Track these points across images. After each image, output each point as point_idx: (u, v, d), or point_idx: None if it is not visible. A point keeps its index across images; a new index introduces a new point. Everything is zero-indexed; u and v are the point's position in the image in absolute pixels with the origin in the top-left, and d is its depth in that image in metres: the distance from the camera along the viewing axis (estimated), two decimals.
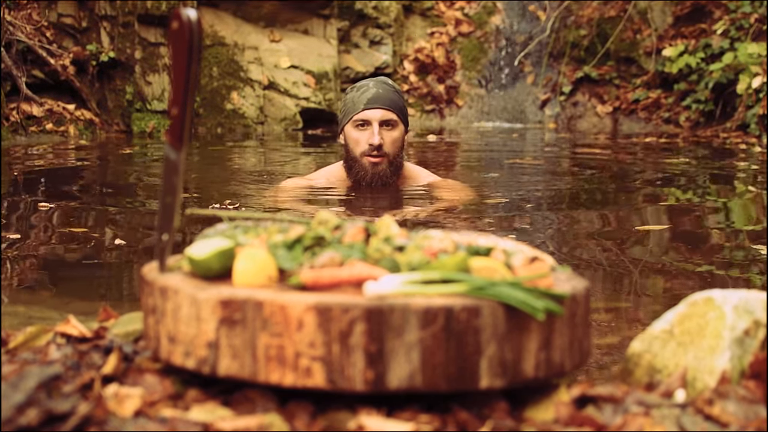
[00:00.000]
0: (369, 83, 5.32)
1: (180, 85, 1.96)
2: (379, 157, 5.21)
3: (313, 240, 2.06)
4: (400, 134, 5.29)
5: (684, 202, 6.42)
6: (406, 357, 1.78)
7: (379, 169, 5.23)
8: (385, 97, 5.22)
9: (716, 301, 2.05)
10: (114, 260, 4.33)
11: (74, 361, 2.07)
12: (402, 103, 5.33)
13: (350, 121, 5.23)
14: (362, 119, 5.19)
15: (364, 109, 5.18)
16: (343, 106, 5.36)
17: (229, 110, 11.98)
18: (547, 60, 13.93)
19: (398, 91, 5.40)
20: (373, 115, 5.18)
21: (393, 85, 5.37)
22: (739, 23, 12.38)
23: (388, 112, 5.19)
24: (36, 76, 11.34)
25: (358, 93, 5.28)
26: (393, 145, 5.26)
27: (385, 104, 5.18)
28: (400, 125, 5.27)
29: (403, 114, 5.32)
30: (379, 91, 5.24)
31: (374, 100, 5.18)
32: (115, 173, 8.49)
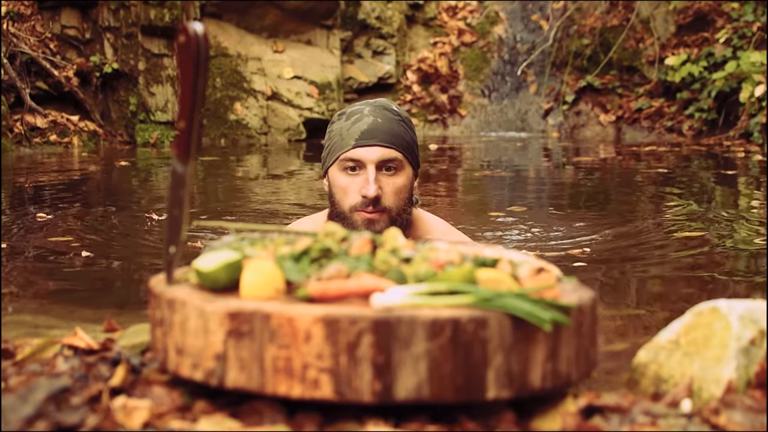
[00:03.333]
0: (364, 109, 3.89)
1: (187, 99, 1.97)
2: (376, 212, 3.77)
3: (320, 252, 2.06)
4: (407, 180, 3.85)
5: (689, 211, 6.41)
6: (414, 368, 1.79)
7: (376, 228, 3.72)
8: (386, 128, 3.82)
9: (722, 311, 2.06)
10: (118, 271, 4.34)
11: (82, 373, 2.07)
12: (410, 137, 3.89)
13: (336, 162, 3.83)
14: (352, 159, 3.78)
15: (355, 146, 3.78)
16: (328, 140, 3.94)
17: (232, 121, 12.00)
18: (549, 69, 13.94)
19: (405, 120, 3.92)
20: (367, 155, 3.76)
21: (397, 111, 3.92)
22: (741, 32, 12.39)
23: (389, 151, 3.79)
24: (40, 87, 11.37)
25: (347, 123, 3.85)
26: (396, 195, 3.81)
27: (384, 139, 3.79)
28: (406, 168, 3.85)
29: (410, 152, 3.88)
30: (377, 120, 3.82)
31: (370, 134, 3.80)
32: (118, 183, 8.50)
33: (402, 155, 3.82)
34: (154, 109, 11.86)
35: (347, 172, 3.80)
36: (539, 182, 8.73)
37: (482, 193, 7.79)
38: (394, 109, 3.91)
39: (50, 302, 3.49)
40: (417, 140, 3.96)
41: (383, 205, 3.76)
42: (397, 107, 3.94)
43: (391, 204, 3.79)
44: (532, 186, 8.40)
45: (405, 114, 3.95)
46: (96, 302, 3.63)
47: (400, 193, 3.82)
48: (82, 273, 4.22)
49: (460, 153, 11.23)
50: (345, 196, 3.81)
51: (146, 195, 7.59)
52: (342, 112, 3.95)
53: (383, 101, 3.96)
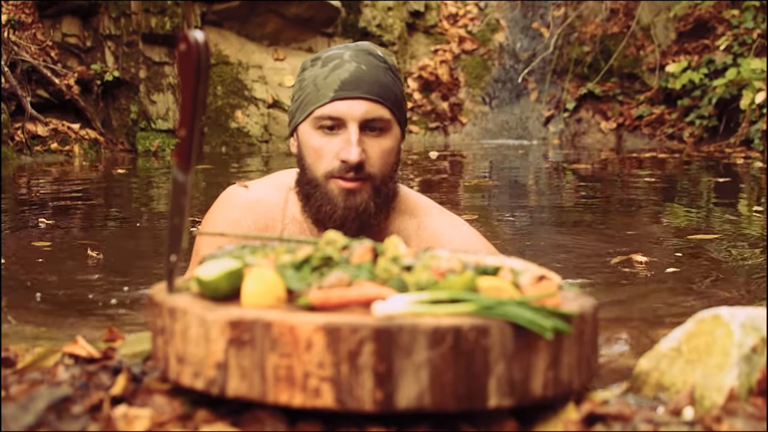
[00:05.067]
0: (344, 53, 3.15)
1: (188, 107, 1.97)
2: (358, 180, 3.08)
3: (321, 260, 2.06)
4: (394, 143, 3.17)
5: (689, 217, 6.42)
6: (415, 377, 1.78)
7: (357, 200, 3.09)
8: (372, 78, 3.10)
9: (723, 318, 2.05)
10: (119, 279, 4.34)
11: (83, 381, 2.07)
12: (398, 90, 3.19)
13: (309, 118, 3.13)
14: (331, 117, 3.07)
15: (334, 98, 3.07)
16: (298, 91, 3.21)
17: (233, 129, 12.02)
18: (550, 77, 13.95)
19: (392, 68, 3.21)
20: (349, 111, 3.06)
21: (383, 57, 3.21)
22: (741, 39, 12.41)
23: (376, 106, 3.08)
24: (41, 95, 11.39)
25: (324, 70, 3.13)
26: (382, 161, 3.12)
27: (371, 91, 3.08)
28: (394, 128, 3.15)
29: (399, 109, 3.17)
30: (361, 66, 3.10)
31: (353, 84, 3.08)
32: (119, 191, 8.50)
33: (390, 112, 3.12)
34: (155, 117, 11.87)
35: (323, 131, 3.09)
36: (539, 191, 8.74)
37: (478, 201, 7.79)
38: (379, 54, 3.19)
39: (51, 310, 3.48)
40: (404, 93, 3.29)
41: (367, 172, 3.07)
42: (382, 52, 3.23)
43: (375, 171, 3.10)
44: (530, 194, 8.40)
45: (392, 61, 3.25)
46: (97, 310, 3.63)
47: (386, 158, 3.13)
48: (83, 280, 4.22)
49: (460, 161, 11.24)
50: (319, 160, 3.10)
51: (144, 203, 7.59)
52: (316, 57, 3.20)
53: (366, 44, 3.24)
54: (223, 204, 3.36)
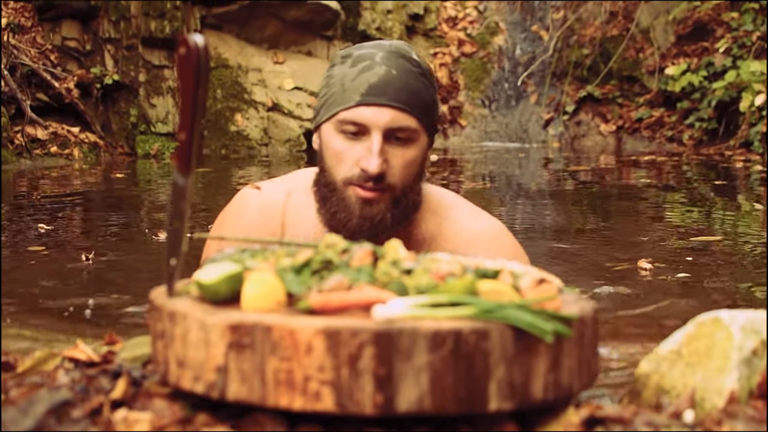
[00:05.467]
0: (376, 54, 2.99)
1: (187, 111, 1.97)
2: (377, 191, 2.95)
3: (321, 264, 2.06)
4: (420, 153, 3.02)
5: (689, 220, 6.42)
6: (415, 380, 1.78)
7: (373, 211, 2.96)
8: (402, 84, 2.94)
9: (724, 321, 2.05)
10: (119, 282, 4.33)
11: (83, 385, 2.07)
12: (429, 96, 3.01)
13: (333, 119, 3.00)
14: (354, 122, 2.93)
15: (360, 103, 2.93)
16: (325, 88, 3.07)
17: (233, 132, 12.02)
18: (550, 80, 13.96)
19: (425, 73, 3.04)
20: (374, 118, 2.92)
21: (417, 61, 3.03)
22: (741, 41, 12.42)
23: (403, 116, 2.93)
24: (40, 99, 11.40)
25: (353, 70, 2.99)
26: (404, 171, 2.97)
27: (398, 99, 2.92)
28: (420, 138, 3.00)
29: (428, 117, 3.01)
30: (391, 71, 2.95)
31: (380, 89, 2.93)
32: (118, 194, 8.50)
33: (418, 121, 2.96)
34: (155, 121, 11.87)
35: (345, 135, 2.96)
36: (540, 195, 8.74)
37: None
38: (413, 57, 3.03)
39: (51, 314, 3.48)
40: (437, 100, 3.09)
41: (387, 183, 2.94)
42: (417, 56, 3.07)
43: (396, 181, 2.96)
44: (531, 198, 8.40)
45: (426, 65, 3.07)
46: (97, 314, 3.63)
47: (409, 169, 2.99)
48: (83, 284, 4.22)
49: (461, 164, 11.25)
50: (339, 164, 2.97)
51: (143, 206, 7.59)
52: (347, 54, 3.05)
53: (401, 45, 3.06)
54: (235, 208, 3.30)
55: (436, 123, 3.10)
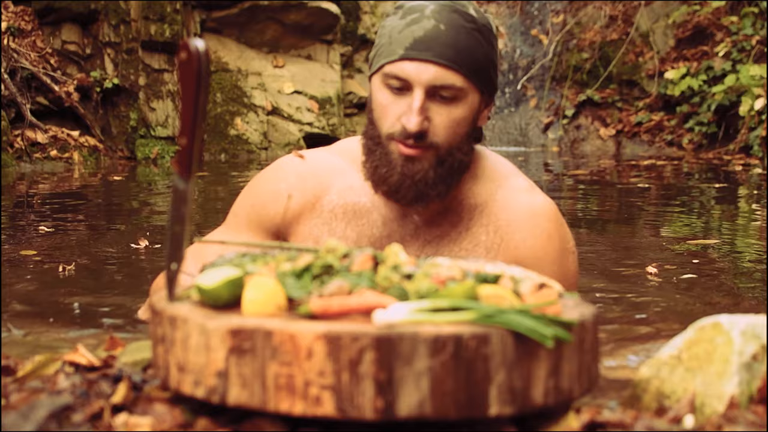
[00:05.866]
0: (427, 6, 2.86)
1: (188, 115, 1.97)
2: (419, 148, 2.82)
3: (321, 268, 2.06)
4: (468, 112, 2.86)
5: (688, 225, 6.42)
6: (416, 385, 1.78)
7: (415, 168, 2.84)
8: (450, 40, 2.80)
9: (724, 325, 2.05)
10: (120, 286, 4.33)
11: (83, 390, 2.07)
12: (483, 53, 2.86)
13: (379, 73, 2.89)
14: (397, 76, 2.81)
15: (403, 57, 2.80)
16: (378, 38, 2.96)
17: (232, 136, 12.03)
18: (549, 83, 13.96)
19: (481, 29, 2.89)
20: (416, 74, 2.79)
21: (473, 16, 2.87)
22: (740, 45, 12.43)
23: (448, 73, 2.79)
24: (40, 102, 11.40)
25: (401, 22, 2.87)
26: (449, 130, 2.83)
27: (444, 54, 2.78)
28: (469, 96, 2.85)
29: (480, 75, 2.86)
30: (439, 26, 2.80)
31: (424, 44, 2.79)
32: (119, 198, 8.50)
33: (466, 79, 2.81)
34: (155, 125, 11.88)
35: (390, 89, 2.84)
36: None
37: None
38: (469, 12, 2.86)
39: (51, 318, 3.48)
40: (496, 56, 2.92)
41: (429, 141, 2.81)
42: (476, 9, 2.90)
43: (441, 140, 2.82)
44: None
45: (485, 19, 2.91)
46: (97, 318, 3.62)
47: (456, 128, 2.83)
48: (83, 288, 4.22)
49: None
50: (384, 117, 2.86)
51: (147, 210, 7.59)
52: (400, 5, 2.93)
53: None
54: (271, 173, 3.16)
55: (494, 82, 2.94)
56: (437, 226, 3.00)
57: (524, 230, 2.99)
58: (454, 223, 3.00)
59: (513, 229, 2.99)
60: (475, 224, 3.00)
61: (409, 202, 2.89)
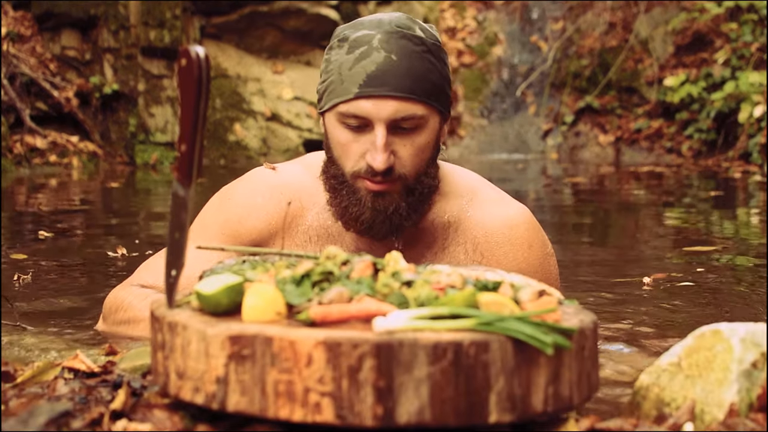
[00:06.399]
0: (374, 37, 2.73)
1: (188, 122, 1.97)
2: (386, 183, 2.75)
3: (321, 275, 2.06)
4: (431, 137, 2.80)
5: (688, 231, 6.42)
6: (416, 392, 1.78)
7: (386, 202, 2.76)
8: (404, 70, 2.70)
9: (724, 333, 2.05)
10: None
11: (83, 396, 2.07)
12: (438, 75, 2.77)
13: (333, 110, 2.77)
14: (355, 115, 2.71)
15: (359, 95, 2.70)
16: (324, 74, 2.83)
17: (232, 142, 12.03)
18: (548, 90, 13.96)
19: (432, 49, 2.78)
20: (375, 111, 2.69)
21: (421, 38, 2.77)
22: (740, 52, 12.44)
23: (407, 105, 2.70)
24: (39, 108, 11.40)
25: (350, 57, 2.74)
26: (415, 158, 2.76)
27: (401, 87, 2.69)
28: (430, 121, 2.77)
29: (438, 98, 2.77)
30: (391, 57, 2.70)
31: (380, 79, 2.69)
32: (119, 203, 8.50)
33: (426, 106, 2.73)
34: (154, 130, 11.88)
35: (347, 128, 2.74)
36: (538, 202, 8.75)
37: None
38: (417, 34, 2.75)
39: (51, 324, 3.47)
40: (448, 72, 2.84)
41: (397, 174, 2.73)
42: (421, 29, 2.79)
43: (408, 171, 2.75)
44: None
45: (432, 37, 2.80)
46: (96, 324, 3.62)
47: (421, 155, 2.77)
48: (83, 294, 4.21)
49: None
50: (345, 156, 2.76)
51: (148, 215, 7.59)
52: (344, 37, 2.79)
53: (401, 21, 2.77)
54: (246, 185, 3.05)
55: (450, 97, 2.86)
56: (412, 248, 2.92)
57: (504, 244, 2.93)
58: (429, 244, 2.94)
59: (492, 244, 2.93)
60: (451, 243, 2.95)
61: (384, 236, 2.83)
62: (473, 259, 2.92)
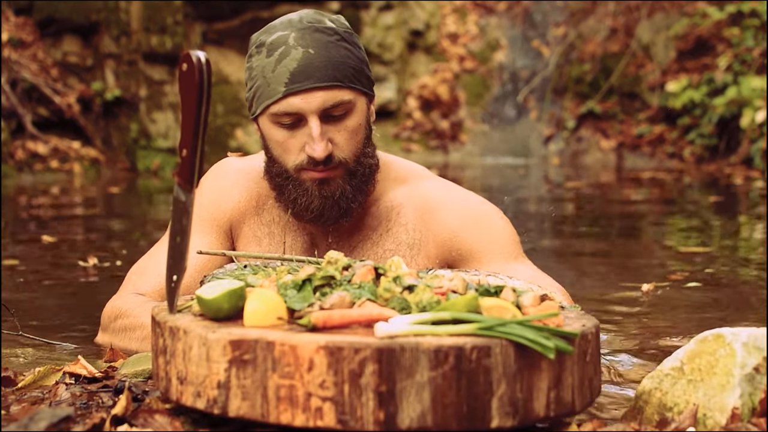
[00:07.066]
0: (288, 36, 2.87)
1: (190, 127, 1.97)
2: (329, 170, 2.88)
3: (322, 280, 2.06)
4: (362, 117, 2.93)
5: (690, 238, 6.41)
6: (417, 397, 1.78)
7: (332, 188, 2.90)
8: (324, 60, 2.85)
9: (726, 338, 2.05)
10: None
11: (84, 401, 2.07)
12: (355, 58, 2.93)
13: (265, 113, 2.90)
14: (287, 112, 2.84)
15: (287, 93, 2.83)
16: (249, 80, 2.96)
17: (233, 147, 12.02)
18: (550, 95, 13.96)
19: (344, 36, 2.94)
20: (305, 105, 2.82)
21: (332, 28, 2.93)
22: (742, 57, 12.42)
23: (334, 92, 2.84)
24: (41, 114, 11.39)
25: (270, 60, 2.87)
26: (351, 141, 2.91)
27: (325, 77, 2.84)
28: (358, 103, 2.91)
29: (360, 79, 2.92)
30: (308, 51, 2.84)
31: (303, 74, 2.83)
32: (120, 209, 8.50)
33: (351, 90, 2.87)
34: (156, 136, 11.88)
35: (282, 127, 2.87)
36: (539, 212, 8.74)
37: None
38: (328, 25, 2.91)
39: (52, 329, 3.47)
40: (364, 54, 2.99)
41: (337, 160, 2.86)
42: (331, 20, 2.95)
43: (346, 155, 2.88)
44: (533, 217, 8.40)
45: (342, 26, 2.97)
46: (98, 329, 3.61)
47: (356, 137, 2.91)
48: (84, 299, 4.21)
49: (460, 180, 11.24)
50: (285, 153, 2.90)
51: (150, 221, 7.59)
52: (260, 43, 2.91)
53: (311, 16, 2.92)
54: (215, 173, 3.21)
55: (370, 77, 2.99)
56: (359, 231, 3.08)
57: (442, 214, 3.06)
58: (374, 227, 3.08)
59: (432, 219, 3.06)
60: (394, 225, 3.07)
61: (335, 221, 2.95)
62: (414, 238, 3.05)
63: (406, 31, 14.17)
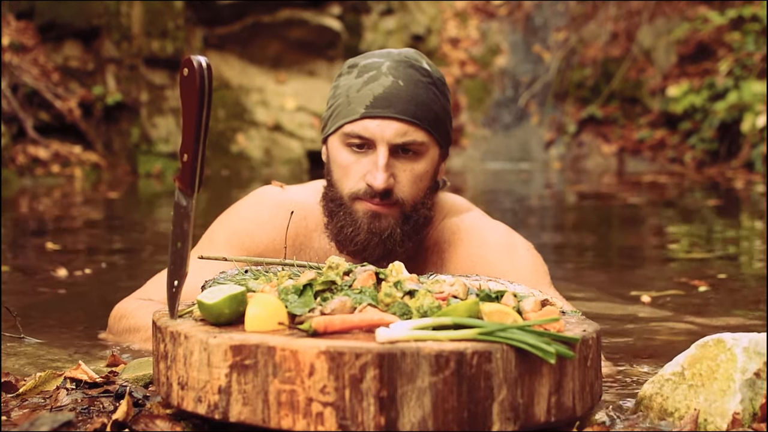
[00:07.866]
0: (383, 64, 2.86)
1: (191, 131, 1.97)
2: (384, 205, 2.82)
3: (323, 285, 2.05)
4: (430, 166, 2.89)
5: (691, 241, 6.41)
6: (418, 402, 1.78)
7: (382, 225, 2.83)
8: (409, 95, 2.81)
9: (727, 343, 2.05)
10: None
11: (85, 406, 2.07)
12: (440, 107, 2.88)
13: (338, 132, 2.87)
14: (359, 135, 2.81)
15: (364, 116, 2.80)
16: (332, 99, 2.94)
17: (234, 152, 12.03)
18: (551, 100, 13.97)
19: (436, 82, 2.90)
20: (379, 132, 2.79)
21: (428, 70, 2.89)
22: (742, 62, 12.43)
23: (410, 128, 2.80)
24: (42, 118, 11.40)
25: (359, 81, 2.86)
26: (413, 185, 2.84)
27: (406, 111, 2.80)
28: (430, 150, 2.86)
29: (439, 129, 2.88)
30: (398, 82, 2.81)
31: (385, 101, 2.80)
32: (122, 214, 8.50)
33: (427, 134, 2.83)
34: (156, 140, 11.88)
35: (351, 149, 2.83)
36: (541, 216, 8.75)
37: None
38: (424, 66, 2.88)
39: (53, 334, 3.47)
40: (450, 108, 2.96)
41: (395, 198, 2.81)
42: (428, 63, 2.91)
43: (405, 196, 2.82)
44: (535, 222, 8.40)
45: (438, 73, 2.92)
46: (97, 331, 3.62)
47: (419, 183, 2.85)
48: (85, 304, 4.21)
49: (463, 185, 11.25)
50: (345, 178, 2.85)
51: (151, 227, 7.59)
52: (353, 64, 2.91)
53: (410, 53, 2.90)
54: (254, 201, 3.11)
55: (450, 134, 2.96)
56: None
57: (471, 248, 3.00)
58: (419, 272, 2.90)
59: (456, 255, 3.00)
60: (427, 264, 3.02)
61: (377, 260, 2.83)
62: (443, 272, 2.95)
63: (407, 35, 14.17)
